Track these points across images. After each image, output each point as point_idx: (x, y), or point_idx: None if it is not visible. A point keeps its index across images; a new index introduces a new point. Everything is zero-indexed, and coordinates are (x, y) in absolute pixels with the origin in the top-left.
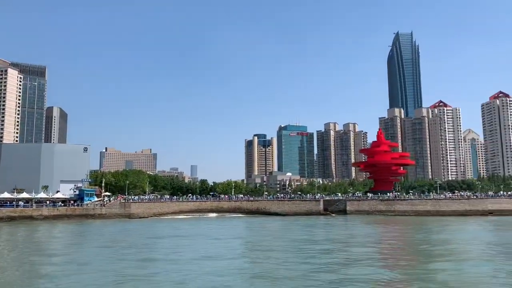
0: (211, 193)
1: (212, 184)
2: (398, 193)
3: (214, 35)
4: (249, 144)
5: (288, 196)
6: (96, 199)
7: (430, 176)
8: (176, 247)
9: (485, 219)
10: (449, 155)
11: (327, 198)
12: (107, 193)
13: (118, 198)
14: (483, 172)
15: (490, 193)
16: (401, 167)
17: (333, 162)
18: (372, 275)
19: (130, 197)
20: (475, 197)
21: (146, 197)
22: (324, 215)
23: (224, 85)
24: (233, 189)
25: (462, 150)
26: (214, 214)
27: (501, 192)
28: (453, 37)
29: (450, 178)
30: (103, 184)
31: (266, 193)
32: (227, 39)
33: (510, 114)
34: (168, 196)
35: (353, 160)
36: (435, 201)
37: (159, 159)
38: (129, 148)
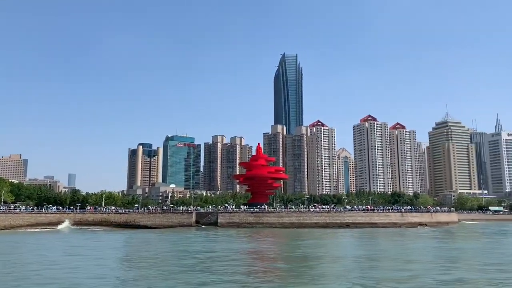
0: (77, 204)
1: (85, 194)
2: (266, 206)
3: (100, 39)
4: (133, 153)
5: (167, 208)
6: None
7: (307, 190)
8: None
9: (343, 231)
10: (324, 171)
11: (201, 210)
12: None
13: None
14: (353, 188)
15: (348, 207)
16: (276, 181)
17: (219, 174)
18: None
19: None
20: (334, 211)
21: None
22: (195, 227)
23: (109, 91)
24: (103, 201)
25: (335, 167)
26: (64, 226)
27: (355, 206)
28: (333, 62)
29: (324, 192)
30: None
31: (136, 205)
32: (115, 43)
33: (377, 136)
34: (24, 207)
35: (238, 173)
36: (299, 213)
37: (31, 166)
38: None
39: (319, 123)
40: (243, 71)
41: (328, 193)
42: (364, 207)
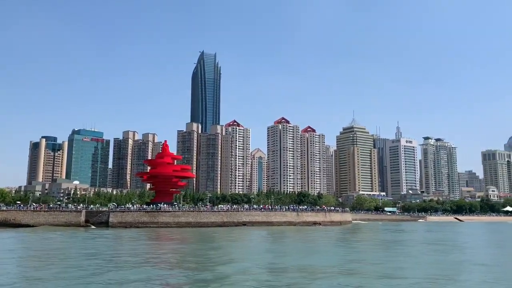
0: None
1: None
2: (162, 205)
3: (9, 25)
4: (35, 146)
5: (64, 206)
6: None
7: (219, 189)
8: None
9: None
10: (238, 171)
11: (91, 209)
12: None
13: None
14: (266, 187)
15: (246, 206)
16: (182, 180)
17: (128, 172)
18: None
19: None
20: (232, 210)
21: None
22: (84, 227)
23: (14, 79)
24: None
25: (249, 166)
26: None
27: (254, 206)
28: (252, 65)
29: (237, 192)
30: None
31: (18, 202)
32: (24, 28)
33: (289, 138)
34: None
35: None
36: (197, 213)
37: None
38: None
39: (235, 123)
40: (160, 67)
41: (241, 192)
42: (261, 206)
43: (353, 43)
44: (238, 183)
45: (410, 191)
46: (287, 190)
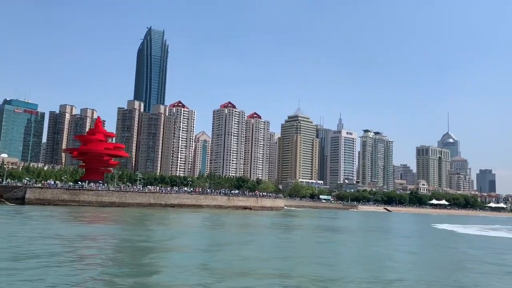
0: None
1: None
2: (85, 183)
3: None
4: None
5: None
6: None
7: (159, 170)
8: None
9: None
10: (180, 153)
11: (4, 184)
12: None
13: None
14: (209, 171)
15: (175, 188)
16: (114, 158)
17: (64, 147)
18: None
19: None
20: (160, 192)
21: None
22: None
23: None
24: None
25: (192, 149)
26: None
27: (185, 188)
28: (202, 46)
29: (178, 174)
30: None
31: None
32: None
33: (234, 123)
34: None
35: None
36: (122, 193)
37: None
38: None
39: (180, 104)
40: (106, 41)
41: (183, 174)
42: (191, 189)
43: (304, 32)
44: (180, 166)
45: (346, 181)
46: (230, 175)
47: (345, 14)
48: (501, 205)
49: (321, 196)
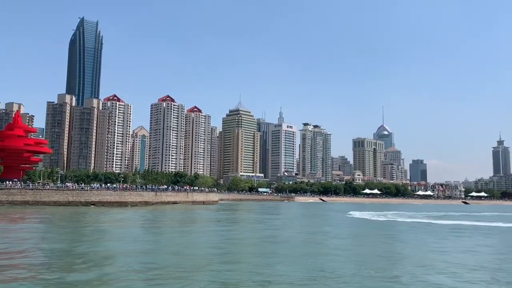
0: None
1: None
2: (10, 182)
3: None
4: None
5: None
6: None
7: (92, 167)
8: None
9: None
10: (116, 149)
11: None
12: None
13: None
14: (148, 167)
15: (96, 185)
16: (36, 155)
17: None
18: None
19: None
20: (79, 189)
21: None
22: None
23: None
24: None
25: (130, 145)
26: None
27: (108, 185)
28: (139, 37)
29: (114, 170)
30: None
31: None
32: None
33: (173, 117)
34: None
35: None
36: (37, 191)
37: None
38: None
39: (115, 98)
40: (36, 32)
41: (119, 171)
42: (115, 185)
43: (246, 26)
44: (116, 162)
45: (286, 173)
46: (169, 170)
47: (288, 10)
48: (429, 193)
49: (259, 189)
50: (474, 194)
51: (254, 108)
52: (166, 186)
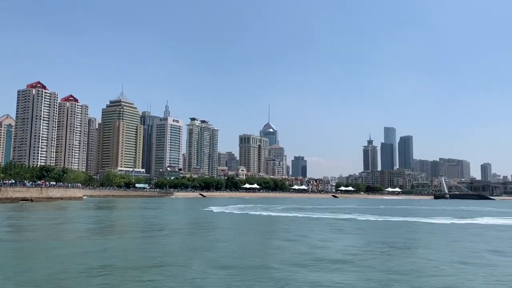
0: None
1: None
2: None
3: None
4: None
5: None
6: None
7: None
8: None
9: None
10: None
11: None
12: None
13: None
14: (13, 159)
15: (12, 181)
16: None
17: None
18: None
19: None
20: None
21: None
22: None
23: None
24: None
25: None
26: None
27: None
28: (12, 18)
29: None
30: None
31: None
32: None
33: (44, 106)
34: None
35: None
36: None
37: None
38: None
39: None
40: None
41: None
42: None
43: (137, 17)
44: None
45: (169, 168)
46: (38, 164)
47: (179, 4)
48: (303, 187)
49: (137, 185)
50: (342, 188)
51: (139, 101)
52: (14, 181)
